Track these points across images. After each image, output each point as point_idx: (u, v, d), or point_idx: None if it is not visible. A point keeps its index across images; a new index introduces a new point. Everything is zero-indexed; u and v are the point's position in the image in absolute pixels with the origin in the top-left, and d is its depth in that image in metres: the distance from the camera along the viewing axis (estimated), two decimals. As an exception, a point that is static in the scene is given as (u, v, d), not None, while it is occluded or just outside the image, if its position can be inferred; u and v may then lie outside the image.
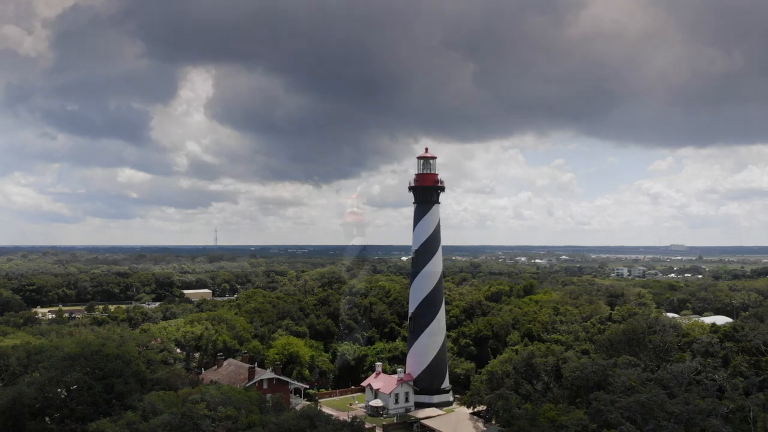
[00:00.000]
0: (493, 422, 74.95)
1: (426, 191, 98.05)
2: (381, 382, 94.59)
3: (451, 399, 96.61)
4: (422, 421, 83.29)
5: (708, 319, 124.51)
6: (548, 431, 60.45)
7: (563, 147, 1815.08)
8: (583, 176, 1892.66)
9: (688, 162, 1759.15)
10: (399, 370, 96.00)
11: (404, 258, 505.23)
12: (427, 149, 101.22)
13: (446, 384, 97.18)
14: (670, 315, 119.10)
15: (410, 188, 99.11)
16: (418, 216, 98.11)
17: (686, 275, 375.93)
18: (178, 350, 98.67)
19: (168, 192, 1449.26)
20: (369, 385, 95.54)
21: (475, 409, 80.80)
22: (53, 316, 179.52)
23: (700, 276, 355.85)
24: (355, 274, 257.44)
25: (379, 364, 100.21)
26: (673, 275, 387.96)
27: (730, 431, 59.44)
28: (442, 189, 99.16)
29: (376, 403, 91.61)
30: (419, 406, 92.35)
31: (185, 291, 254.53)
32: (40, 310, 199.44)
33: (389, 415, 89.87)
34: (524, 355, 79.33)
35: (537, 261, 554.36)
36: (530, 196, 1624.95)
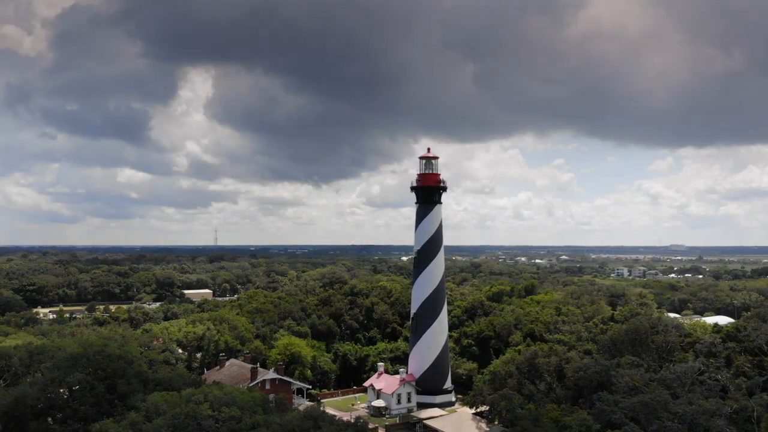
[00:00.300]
0: (496, 423, 74.79)
1: (428, 191, 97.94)
2: (383, 382, 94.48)
3: (454, 399, 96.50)
4: (425, 422, 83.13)
5: (710, 319, 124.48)
6: (552, 431, 60.41)
7: (563, 147, 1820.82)
8: (583, 176, 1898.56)
9: (688, 162, 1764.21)
10: (401, 370, 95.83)
11: (404, 258, 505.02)
12: (429, 149, 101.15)
13: (448, 384, 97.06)
14: (672, 315, 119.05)
15: (412, 188, 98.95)
16: (420, 216, 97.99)
17: (686, 275, 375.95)
18: (180, 350, 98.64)
19: (168, 192, 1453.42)
20: (371, 385, 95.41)
21: (478, 410, 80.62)
22: (54, 316, 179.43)
23: (701, 276, 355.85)
24: (356, 274, 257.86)
25: (381, 364, 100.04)
26: (673, 275, 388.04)
27: (734, 432, 59.44)
28: (445, 189, 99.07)
29: (379, 403, 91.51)
30: (421, 406, 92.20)
31: (186, 291, 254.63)
32: (41, 310, 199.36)
33: (392, 416, 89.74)
34: (527, 355, 79.17)
35: (537, 261, 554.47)
36: (530, 196, 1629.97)
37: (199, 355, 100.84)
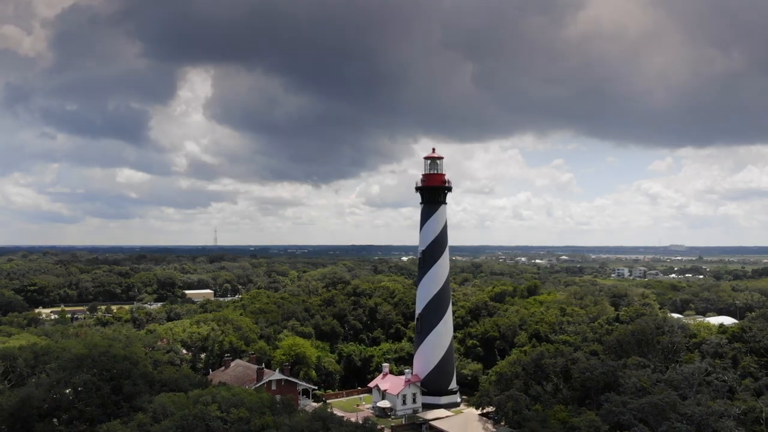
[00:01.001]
0: (503, 423, 74.60)
1: (433, 191, 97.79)
2: (388, 383, 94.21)
3: (459, 400, 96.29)
4: (431, 423, 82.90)
5: (713, 320, 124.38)
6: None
7: (563, 147, 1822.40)
8: (583, 176, 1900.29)
9: (688, 162, 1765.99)
10: (406, 371, 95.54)
11: (404, 258, 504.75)
12: (434, 149, 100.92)
13: (453, 385, 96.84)
14: (675, 315, 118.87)
15: (417, 188, 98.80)
16: (425, 216, 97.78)
17: (687, 275, 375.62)
18: (184, 351, 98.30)
19: (167, 192, 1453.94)
20: (376, 386, 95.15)
21: (484, 411, 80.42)
22: (56, 316, 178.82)
23: (701, 276, 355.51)
24: (357, 275, 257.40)
25: (386, 365, 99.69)
26: (673, 275, 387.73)
27: (743, 433, 59.23)
28: (450, 189, 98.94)
29: (384, 404, 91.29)
30: (427, 407, 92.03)
31: (187, 291, 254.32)
32: (43, 311, 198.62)
33: (397, 417, 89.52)
34: (533, 356, 78.99)
35: (537, 261, 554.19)
36: (529, 197, 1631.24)
37: (203, 355, 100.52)
